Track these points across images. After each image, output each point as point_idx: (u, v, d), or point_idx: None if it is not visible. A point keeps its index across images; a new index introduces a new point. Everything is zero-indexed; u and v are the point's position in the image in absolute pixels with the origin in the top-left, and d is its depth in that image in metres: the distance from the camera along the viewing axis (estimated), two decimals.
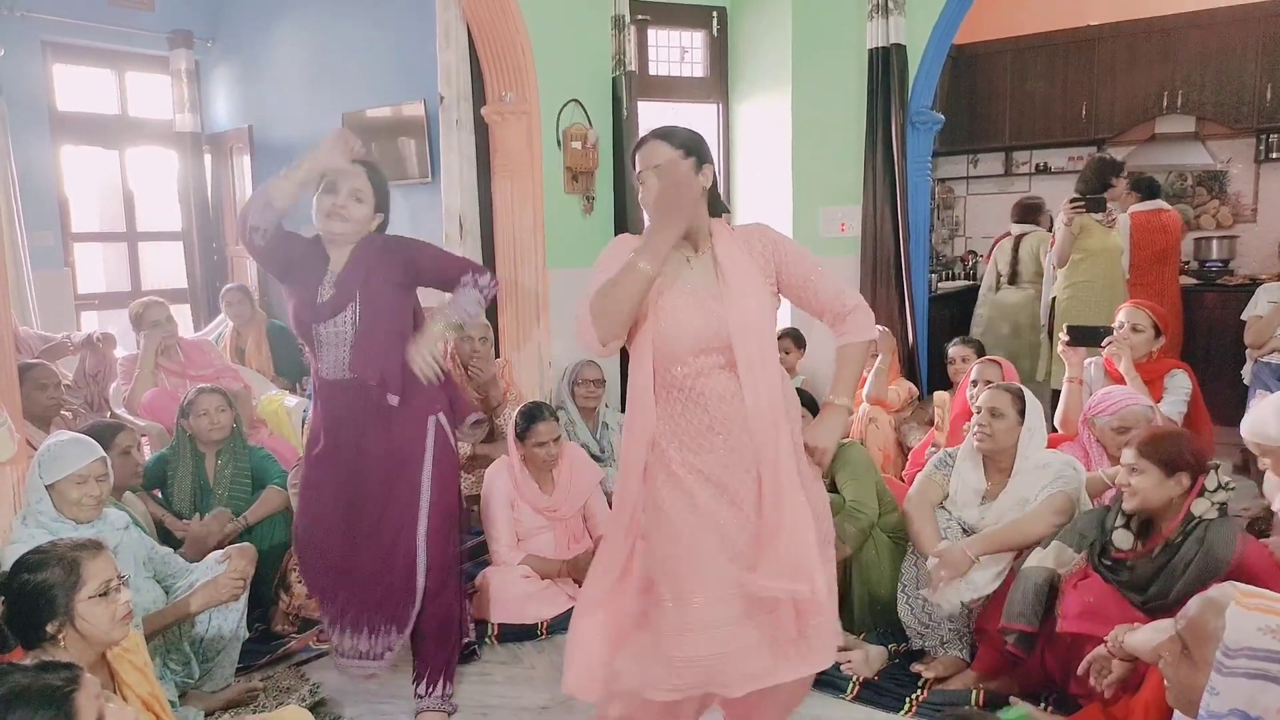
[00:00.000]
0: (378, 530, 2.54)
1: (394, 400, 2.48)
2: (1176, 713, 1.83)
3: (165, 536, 3.16)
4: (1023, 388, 2.99)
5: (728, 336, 1.97)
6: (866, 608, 3.01)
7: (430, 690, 2.62)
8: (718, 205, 2.13)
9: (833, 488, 3.03)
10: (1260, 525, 3.17)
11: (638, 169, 2.06)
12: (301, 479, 2.71)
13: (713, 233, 2.06)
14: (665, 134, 2.06)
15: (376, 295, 2.46)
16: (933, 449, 3.48)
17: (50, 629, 1.87)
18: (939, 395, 3.93)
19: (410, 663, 2.71)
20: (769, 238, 2.09)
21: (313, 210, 2.48)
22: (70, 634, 1.89)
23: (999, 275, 5.39)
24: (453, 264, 2.61)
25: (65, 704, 1.45)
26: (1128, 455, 2.47)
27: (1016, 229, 5.40)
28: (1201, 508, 2.37)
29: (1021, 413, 2.86)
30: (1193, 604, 1.68)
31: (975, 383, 3.70)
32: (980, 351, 4.09)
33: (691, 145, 2.04)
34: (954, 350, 4.13)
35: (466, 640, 2.94)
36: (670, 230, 1.92)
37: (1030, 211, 5.46)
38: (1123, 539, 2.48)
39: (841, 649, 2.83)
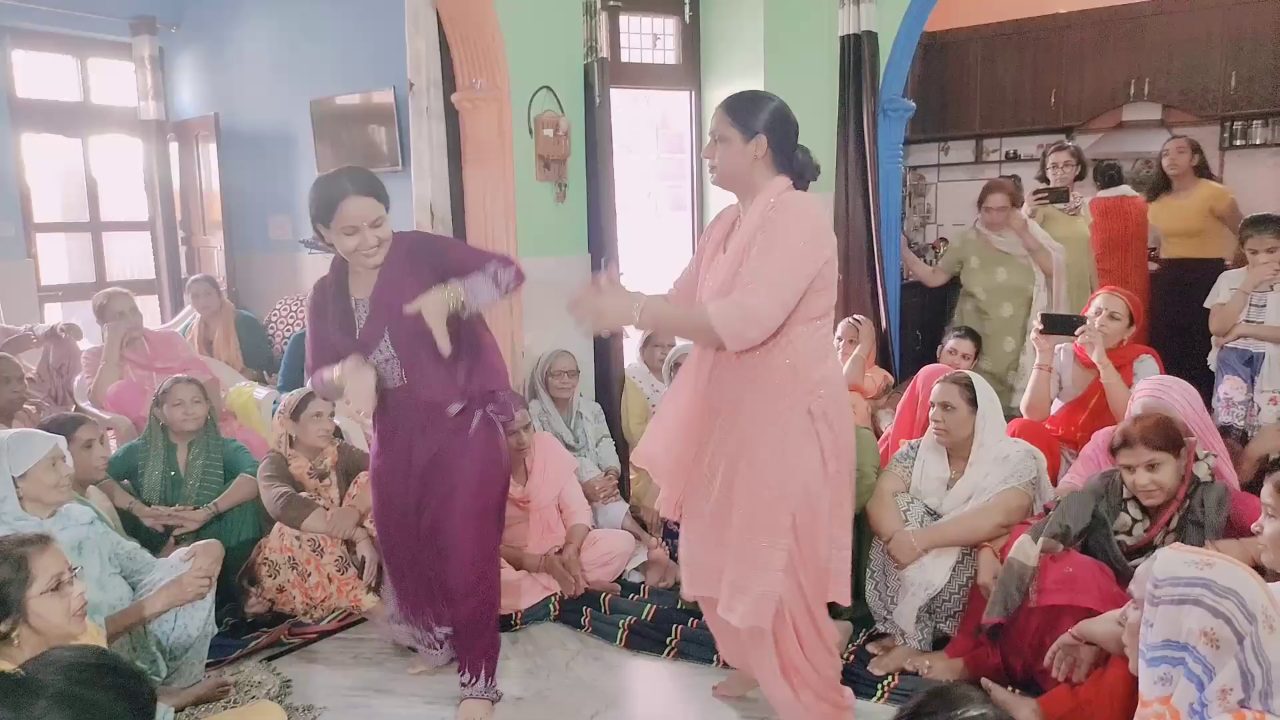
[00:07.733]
0: (431, 529, 2.58)
1: (454, 409, 2.50)
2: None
3: (131, 528, 3.12)
4: (970, 375, 3.02)
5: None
6: None
7: (473, 680, 2.66)
8: (788, 172, 2.19)
9: None
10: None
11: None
12: (371, 480, 2.78)
13: (756, 202, 2.15)
14: (726, 104, 2.19)
15: (407, 321, 2.39)
16: None
17: (3, 628, 1.82)
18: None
19: (387, 655, 2.70)
20: (771, 217, 2.11)
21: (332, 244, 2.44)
22: (24, 631, 1.84)
23: None
24: (480, 255, 2.54)
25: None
26: (1139, 455, 2.49)
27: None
28: (1202, 471, 2.52)
29: (972, 401, 2.90)
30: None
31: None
32: (979, 344, 4.10)
33: (740, 116, 2.15)
34: (953, 343, 4.11)
35: None
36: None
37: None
38: (1139, 529, 2.56)
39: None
